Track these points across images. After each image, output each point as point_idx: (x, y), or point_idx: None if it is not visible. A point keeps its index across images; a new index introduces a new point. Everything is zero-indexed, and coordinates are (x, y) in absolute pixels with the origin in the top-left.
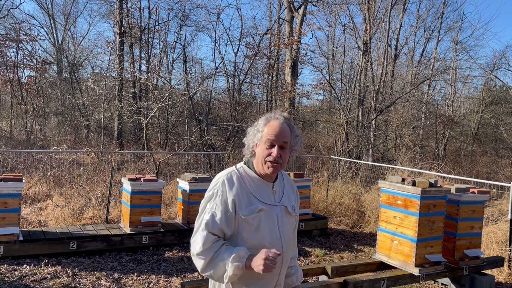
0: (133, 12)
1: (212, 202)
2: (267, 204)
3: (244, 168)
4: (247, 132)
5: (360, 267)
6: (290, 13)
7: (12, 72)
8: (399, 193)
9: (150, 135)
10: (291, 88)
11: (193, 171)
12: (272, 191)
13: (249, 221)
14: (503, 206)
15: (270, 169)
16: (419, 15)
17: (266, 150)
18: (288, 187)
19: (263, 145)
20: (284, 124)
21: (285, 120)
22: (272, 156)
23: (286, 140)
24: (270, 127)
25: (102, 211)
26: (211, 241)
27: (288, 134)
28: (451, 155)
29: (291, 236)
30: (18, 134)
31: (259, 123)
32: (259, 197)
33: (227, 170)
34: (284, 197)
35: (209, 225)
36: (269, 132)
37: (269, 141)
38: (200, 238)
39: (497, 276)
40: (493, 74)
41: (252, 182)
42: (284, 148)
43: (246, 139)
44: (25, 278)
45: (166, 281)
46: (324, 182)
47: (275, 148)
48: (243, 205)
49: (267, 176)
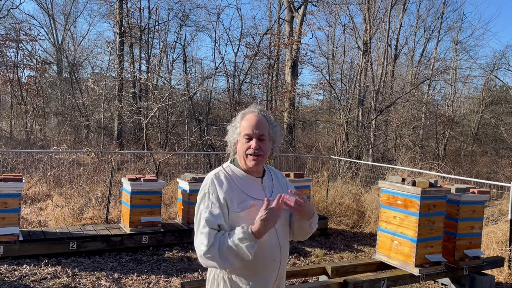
0: (133, 12)
1: (206, 201)
2: (259, 200)
3: (231, 166)
4: (227, 131)
5: (360, 267)
6: (290, 13)
7: (12, 72)
8: (399, 193)
9: (150, 135)
10: (291, 88)
11: (193, 171)
12: (261, 186)
13: (243, 217)
14: (503, 206)
15: (252, 162)
16: (419, 15)
17: (245, 144)
18: (276, 181)
19: (242, 140)
20: (260, 116)
21: (260, 112)
22: (251, 149)
23: (263, 132)
24: (246, 121)
25: (102, 211)
26: (213, 236)
27: (265, 125)
28: (451, 155)
29: (286, 230)
30: (18, 134)
31: (236, 119)
32: (250, 193)
33: (214, 170)
34: (275, 191)
35: (209, 221)
36: (245, 126)
37: (247, 135)
38: (203, 237)
39: (497, 276)
40: (493, 74)
41: (241, 179)
42: (262, 139)
43: (227, 138)
44: (25, 278)
45: (166, 281)
46: (324, 182)
47: (253, 140)
48: (234, 202)
49: (253, 170)
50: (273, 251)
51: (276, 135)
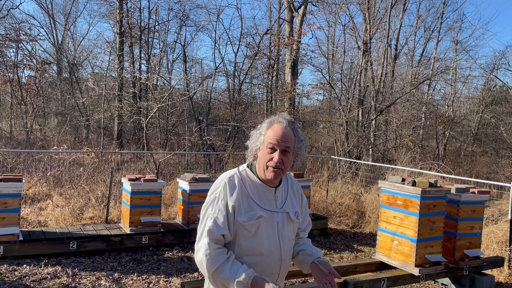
0: (133, 12)
1: (214, 206)
2: (268, 211)
3: (247, 171)
4: (250, 135)
5: (360, 267)
6: (290, 13)
7: (12, 72)
8: (399, 193)
9: (150, 135)
10: (291, 88)
11: (193, 171)
12: (274, 196)
13: (247, 227)
14: (503, 206)
15: (271, 174)
16: (419, 15)
17: (268, 155)
18: (291, 191)
19: (265, 149)
20: (288, 128)
21: (289, 124)
22: (273, 161)
23: (289, 144)
24: (273, 131)
25: (102, 211)
26: (213, 250)
27: (292, 138)
28: (451, 155)
29: (292, 243)
30: (18, 134)
31: (262, 126)
32: (260, 203)
33: (229, 172)
34: (287, 202)
35: (212, 231)
36: (271, 136)
37: (271, 145)
38: (203, 247)
39: (497, 276)
40: (493, 74)
41: (253, 186)
42: (286, 153)
43: (249, 142)
44: (25, 278)
45: (166, 281)
46: (324, 182)
47: (277, 152)
48: (242, 210)
49: (269, 181)
50: (273, 264)
51: (301, 150)
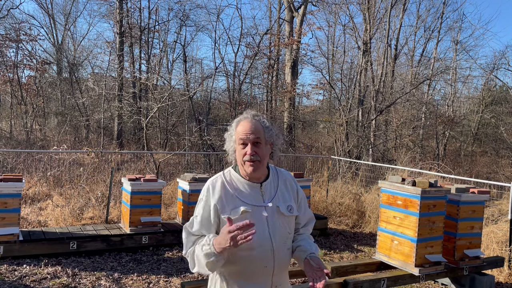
0: (133, 12)
1: (198, 207)
2: (253, 206)
3: (231, 171)
4: (225, 139)
5: (360, 267)
6: (290, 13)
7: (12, 72)
8: (399, 193)
9: (150, 135)
10: (291, 88)
11: (193, 171)
12: (260, 191)
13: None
14: (503, 206)
15: (250, 168)
16: (419, 15)
17: (241, 151)
18: (282, 185)
19: (238, 146)
20: (253, 121)
21: (254, 116)
22: (248, 155)
23: (258, 135)
24: (241, 127)
25: (102, 211)
26: (192, 242)
27: (259, 129)
28: (451, 155)
29: (288, 236)
30: (18, 134)
31: (231, 127)
32: (244, 199)
33: (214, 176)
34: (277, 196)
35: (191, 227)
36: (240, 132)
37: (242, 141)
38: (184, 241)
39: (497, 276)
40: (493, 74)
41: (238, 185)
42: (258, 144)
43: (226, 147)
44: (25, 278)
45: (166, 281)
46: (324, 182)
47: (249, 146)
48: (227, 208)
49: (252, 176)
50: (266, 257)
51: (273, 138)
